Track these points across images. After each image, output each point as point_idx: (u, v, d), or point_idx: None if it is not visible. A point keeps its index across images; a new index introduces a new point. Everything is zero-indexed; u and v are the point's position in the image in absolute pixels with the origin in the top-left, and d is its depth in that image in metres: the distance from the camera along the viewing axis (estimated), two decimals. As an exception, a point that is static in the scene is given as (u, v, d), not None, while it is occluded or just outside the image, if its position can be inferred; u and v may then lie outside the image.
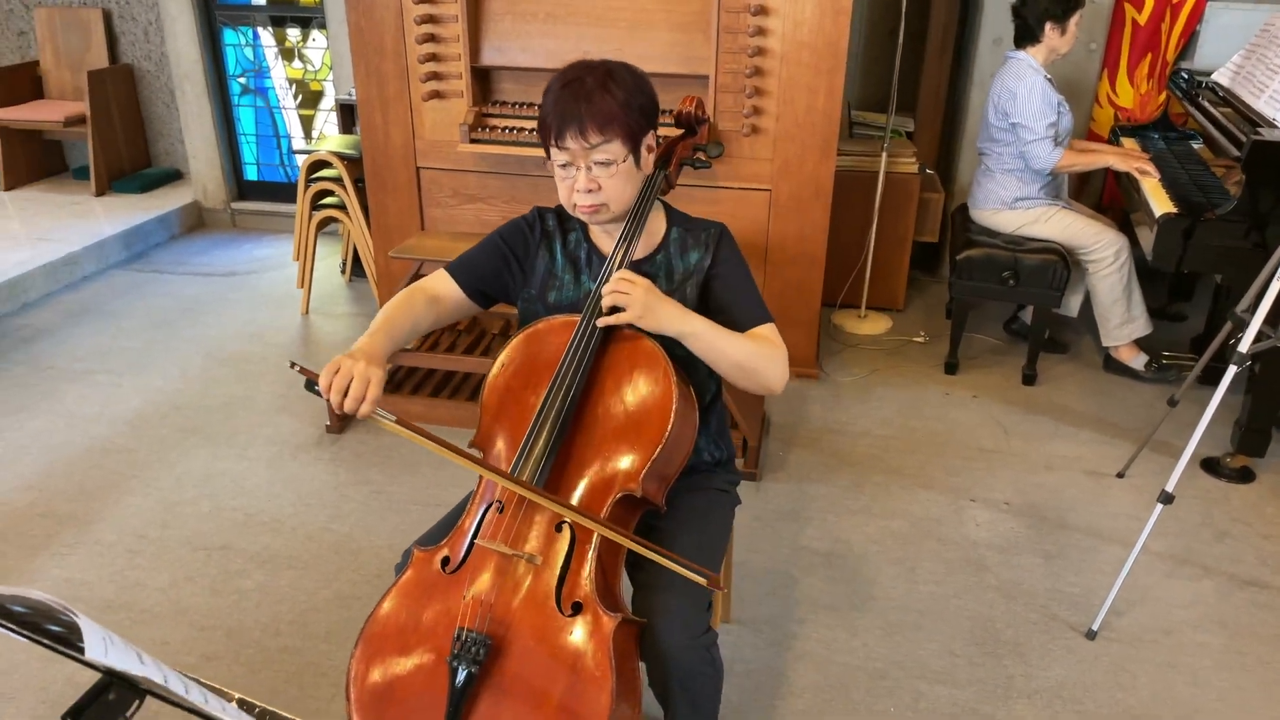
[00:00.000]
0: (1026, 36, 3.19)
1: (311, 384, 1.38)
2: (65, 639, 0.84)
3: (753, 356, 1.53)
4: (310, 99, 4.87)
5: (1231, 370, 2.12)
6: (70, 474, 2.76)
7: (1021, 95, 3.14)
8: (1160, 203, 2.94)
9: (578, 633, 1.37)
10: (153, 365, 3.43)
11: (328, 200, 3.84)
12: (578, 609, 1.39)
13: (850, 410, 3.19)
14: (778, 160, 3.07)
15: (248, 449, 2.91)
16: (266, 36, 4.74)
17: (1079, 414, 3.19)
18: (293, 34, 4.74)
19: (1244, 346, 2.13)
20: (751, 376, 1.54)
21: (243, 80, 4.83)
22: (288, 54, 4.78)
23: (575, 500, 1.47)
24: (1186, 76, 3.59)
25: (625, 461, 1.47)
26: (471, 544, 1.46)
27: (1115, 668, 2.11)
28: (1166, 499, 2.14)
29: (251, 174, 5.00)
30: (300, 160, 3.84)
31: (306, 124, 4.92)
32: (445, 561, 1.47)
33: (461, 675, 1.34)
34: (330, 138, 4.09)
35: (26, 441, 2.92)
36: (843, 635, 2.19)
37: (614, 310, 1.49)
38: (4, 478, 2.73)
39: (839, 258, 3.79)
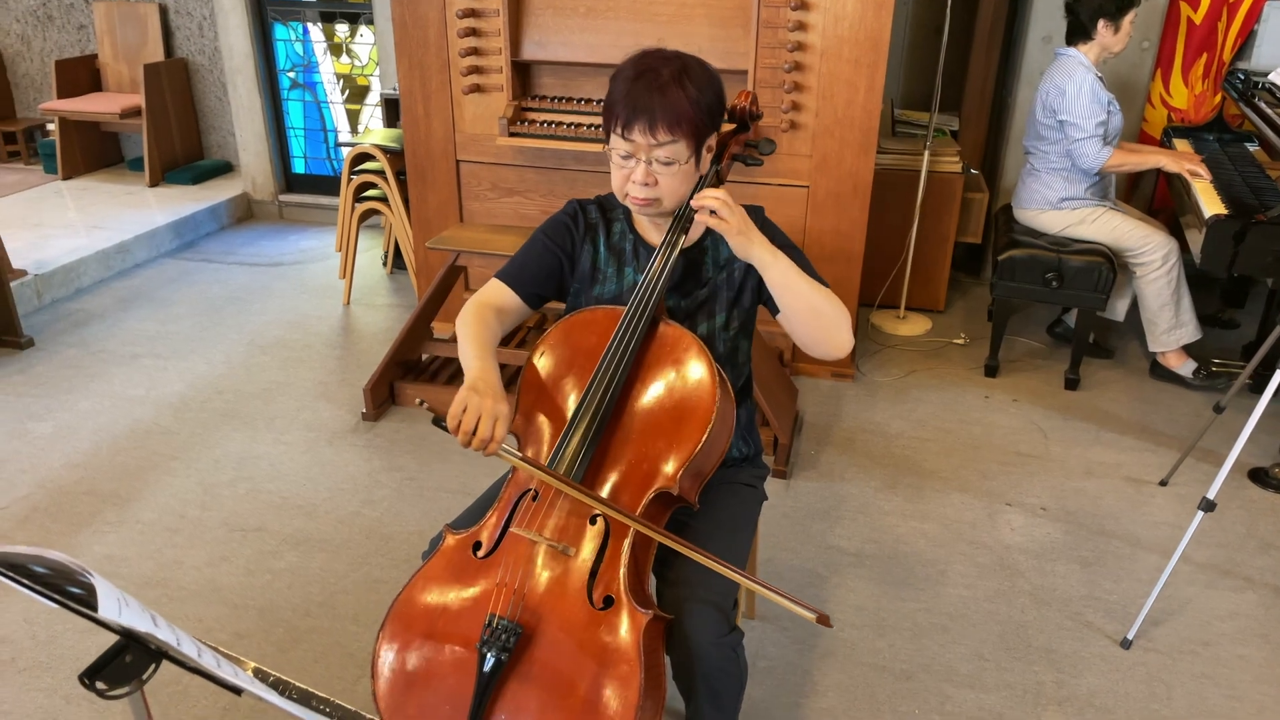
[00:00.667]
0: (1078, 33, 3.12)
1: (440, 420, 1.38)
2: (82, 599, 0.87)
3: (826, 302, 1.48)
4: (357, 94, 4.94)
5: (1278, 376, 2.05)
6: (115, 454, 2.84)
7: (1071, 93, 3.08)
8: (1211, 204, 2.86)
9: (609, 627, 1.36)
10: (198, 350, 3.50)
11: (370, 193, 3.89)
12: (609, 602, 1.38)
13: (886, 411, 3.16)
14: (816, 156, 3.05)
15: (285, 434, 2.96)
16: (316, 32, 4.82)
17: (1122, 420, 3.12)
18: (341, 30, 4.81)
19: (1293, 351, 2.07)
20: (823, 325, 1.48)
21: (292, 75, 4.92)
22: (336, 49, 4.86)
23: (610, 495, 1.46)
24: (1243, 77, 3.49)
25: (664, 458, 1.46)
26: (505, 530, 1.47)
27: (1150, 678, 2.06)
28: (1208, 506, 2.08)
29: (299, 167, 5.09)
30: (344, 153, 3.90)
31: (353, 119, 5.00)
32: (477, 546, 1.47)
33: (490, 661, 1.34)
34: (374, 131, 4.15)
35: (75, 422, 3.01)
36: (869, 636, 2.17)
37: (714, 215, 1.44)
38: (53, 456, 2.82)
39: (879, 257, 3.75)
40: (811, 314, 1.49)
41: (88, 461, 2.80)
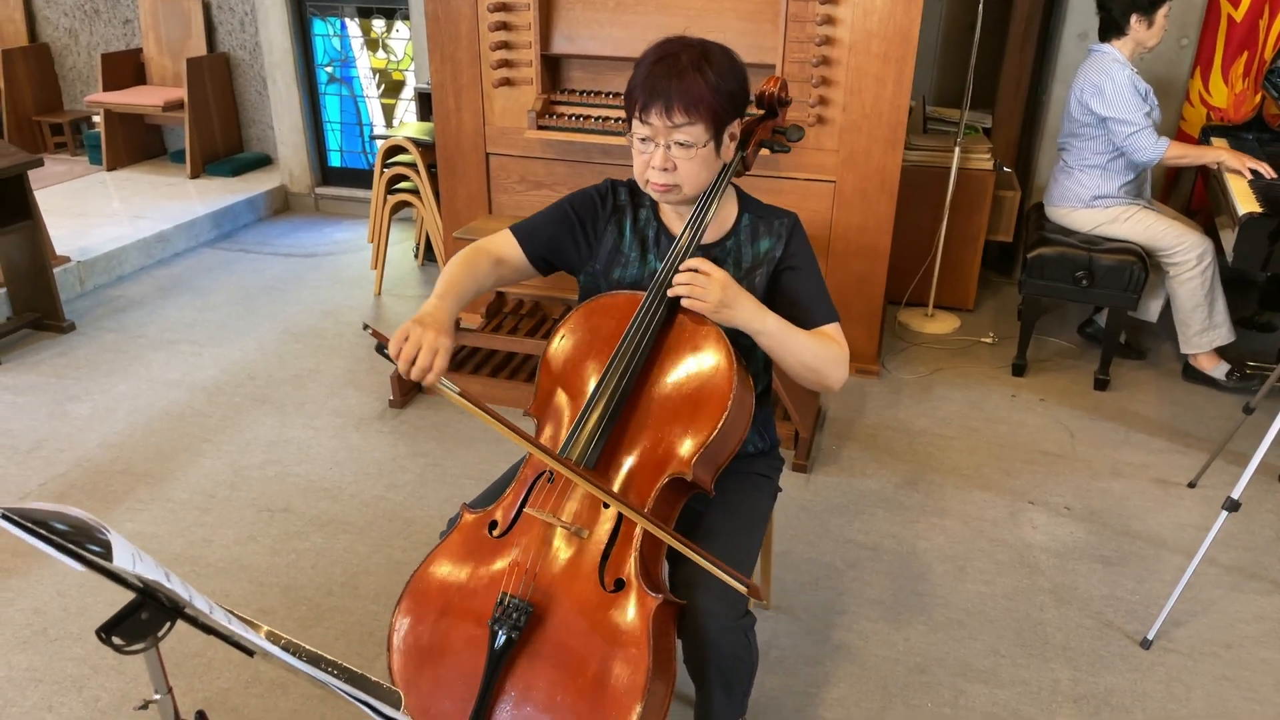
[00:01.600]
0: (1111, 29, 3.08)
1: (382, 347, 1.41)
2: (100, 555, 0.90)
3: (819, 357, 1.51)
4: (392, 88, 5.02)
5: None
6: (149, 435, 2.91)
7: (1109, 90, 3.03)
8: (1245, 202, 2.82)
9: (619, 609, 1.37)
10: (232, 338, 3.58)
11: (403, 185, 3.95)
12: (620, 585, 1.39)
13: (910, 408, 3.14)
14: (844, 151, 3.04)
15: (314, 419, 3.02)
16: (353, 27, 4.90)
17: (1152, 422, 3.07)
18: (378, 25, 4.89)
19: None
20: (814, 375, 1.52)
21: (330, 69, 5.01)
22: (372, 44, 4.94)
23: (624, 479, 1.47)
24: (1285, 74, 3.42)
25: (679, 444, 1.46)
26: (520, 511, 1.49)
27: (1169, 678, 2.03)
28: (1232, 506, 2.05)
29: (335, 160, 5.17)
30: (378, 145, 3.96)
31: (388, 113, 5.07)
32: (493, 525, 1.50)
33: (501, 639, 1.36)
34: (408, 125, 4.21)
35: (112, 404, 3.09)
36: (884, 629, 2.16)
37: (689, 297, 1.46)
38: (90, 436, 2.90)
39: (908, 255, 3.73)
40: (803, 368, 1.52)
41: (123, 442, 2.87)
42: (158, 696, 1.08)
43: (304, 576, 2.32)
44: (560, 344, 1.58)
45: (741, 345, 1.54)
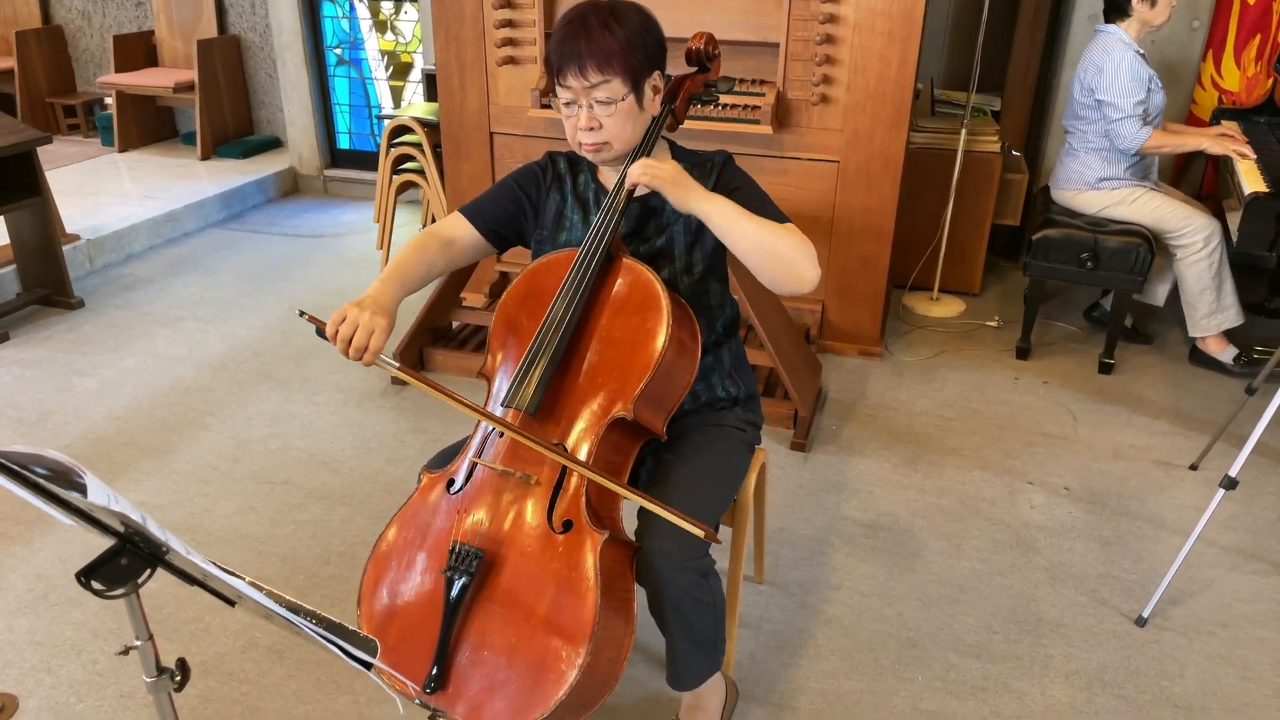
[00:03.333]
0: (1114, 10, 3.06)
1: (321, 332, 1.44)
2: (80, 503, 0.92)
3: (777, 239, 1.47)
4: (400, 70, 5.03)
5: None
6: (154, 409, 2.94)
7: (1109, 71, 3.01)
8: (1252, 182, 2.79)
9: (567, 549, 1.41)
10: (239, 315, 3.61)
11: (408, 165, 3.96)
12: (568, 526, 1.43)
13: (911, 390, 3.13)
14: (847, 131, 3.03)
15: (316, 395, 3.04)
16: (362, 9, 4.91)
17: (1156, 405, 3.05)
18: (386, 7, 4.89)
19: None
20: (780, 262, 1.47)
21: (339, 51, 5.02)
22: (381, 26, 4.95)
23: (569, 423, 1.50)
24: (1297, 57, 3.38)
25: (618, 386, 1.49)
26: (473, 464, 1.52)
27: (1163, 656, 2.02)
28: (1230, 484, 2.04)
29: (344, 143, 5.19)
30: (384, 125, 3.97)
31: (396, 95, 5.08)
32: (451, 484, 1.54)
33: (456, 587, 1.41)
34: (414, 105, 4.22)
35: (118, 378, 3.12)
36: (877, 604, 2.16)
37: (646, 177, 1.47)
38: (96, 409, 2.93)
39: (913, 238, 3.71)
40: (762, 253, 1.47)
41: (128, 415, 2.90)
42: (139, 643, 1.09)
43: (302, 546, 2.34)
44: (505, 304, 1.62)
45: (683, 296, 1.57)
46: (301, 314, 1.47)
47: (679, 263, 1.63)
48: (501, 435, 1.52)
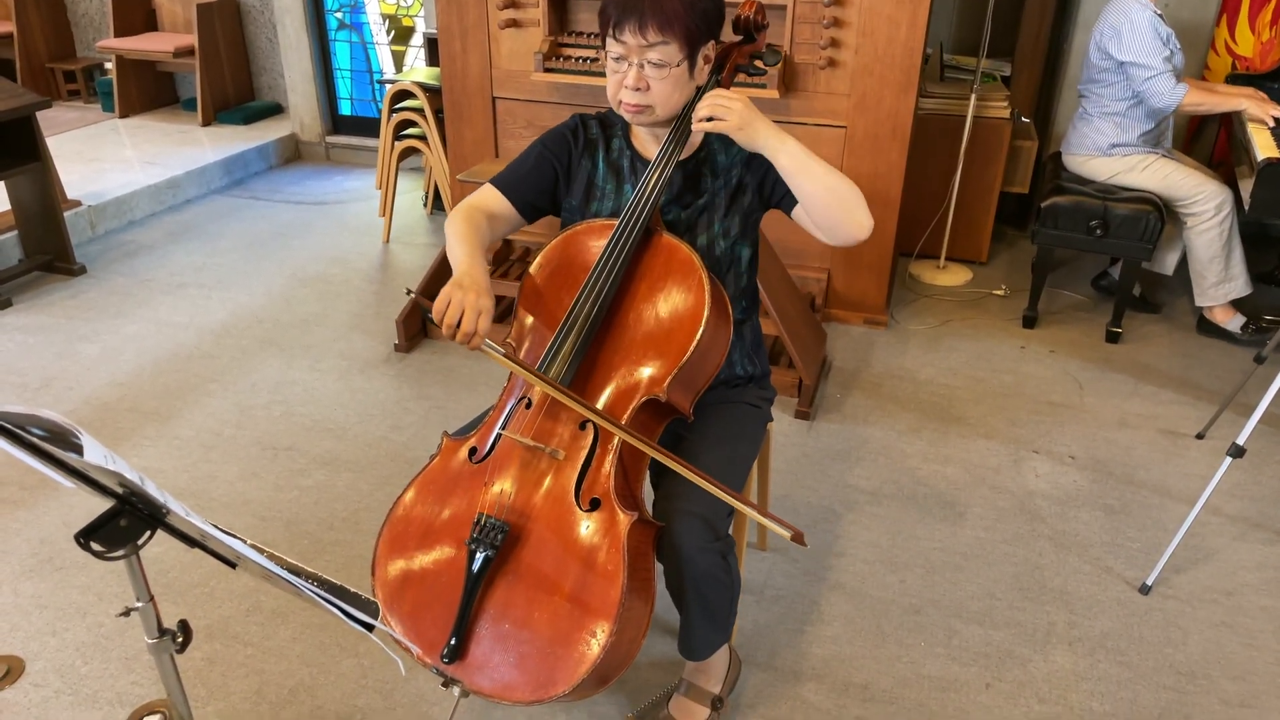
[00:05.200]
0: (1132, -30, 2.99)
1: (428, 314, 1.40)
2: (77, 463, 0.91)
3: (844, 181, 1.45)
4: (402, 35, 4.96)
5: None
6: (157, 375, 2.94)
7: (1127, 32, 2.95)
8: (1265, 148, 2.74)
9: (593, 527, 1.40)
10: (241, 282, 3.59)
11: (410, 131, 3.92)
12: (595, 505, 1.41)
13: (917, 358, 3.11)
14: (855, 95, 2.98)
15: (320, 361, 3.03)
16: (363, -28, 4.84)
17: (1163, 374, 3.03)
18: (388, -30, 4.82)
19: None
20: (844, 209, 1.45)
21: (339, 15, 4.96)
22: (383, -10, 4.88)
23: (600, 402, 1.48)
24: (1315, 20, 3.31)
25: (652, 366, 1.47)
26: (499, 436, 1.50)
27: (1167, 623, 2.02)
28: (1237, 452, 2.02)
29: (345, 109, 5.14)
30: (386, 90, 3.93)
31: (398, 60, 5.02)
32: (473, 452, 1.52)
33: (479, 559, 1.39)
34: (416, 70, 4.17)
35: (121, 345, 3.11)
36: (880, 571, 2.16)
37: (711, 120, 1.44)
38: (99, 375, 2.93)
39: (920, 205, 3.68)
40: (829, 194, 1.44)
41: (131, 381, 2.90)
42: (139, 604, 1.09)
43: (306, 512, 2.34)
44: (536, 273, 1.59)
45: (717, 259, 1.54)
46: (409, 292, 1.47)
47: (717, 227, 1.60)
48: (529, 408, 1.50)
